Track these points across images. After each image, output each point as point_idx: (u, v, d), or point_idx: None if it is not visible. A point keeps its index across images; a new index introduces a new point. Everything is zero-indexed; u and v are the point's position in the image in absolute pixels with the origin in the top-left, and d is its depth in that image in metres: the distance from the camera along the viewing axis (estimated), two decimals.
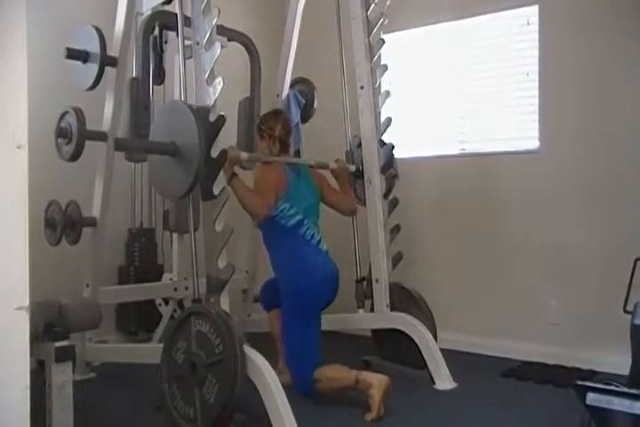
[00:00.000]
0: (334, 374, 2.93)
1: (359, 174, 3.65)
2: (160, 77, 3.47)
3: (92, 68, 3.25)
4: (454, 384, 3.20)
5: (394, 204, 3.65)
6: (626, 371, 2.44)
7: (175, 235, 3.83)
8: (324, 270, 3.10)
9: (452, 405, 2.97)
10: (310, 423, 2.54)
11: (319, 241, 3.16)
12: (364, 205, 3.61)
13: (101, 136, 3.34)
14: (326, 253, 3.17)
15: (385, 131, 3.69)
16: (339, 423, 2.75)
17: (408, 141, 4.34)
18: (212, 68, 2.70)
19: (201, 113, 2.61)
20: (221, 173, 2.69)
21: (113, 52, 3.32)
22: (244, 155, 3.00)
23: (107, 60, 3.27)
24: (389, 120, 3.69)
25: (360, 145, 3.66)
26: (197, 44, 2.74)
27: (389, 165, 3.65)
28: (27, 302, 1.17)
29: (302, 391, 2.94)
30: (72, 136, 3.21)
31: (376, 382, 2.79)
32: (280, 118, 3.29)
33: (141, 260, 4.08)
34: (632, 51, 3.50)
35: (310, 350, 3.01)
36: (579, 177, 3.67)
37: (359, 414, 2.81)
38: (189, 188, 2.58)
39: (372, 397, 2.77)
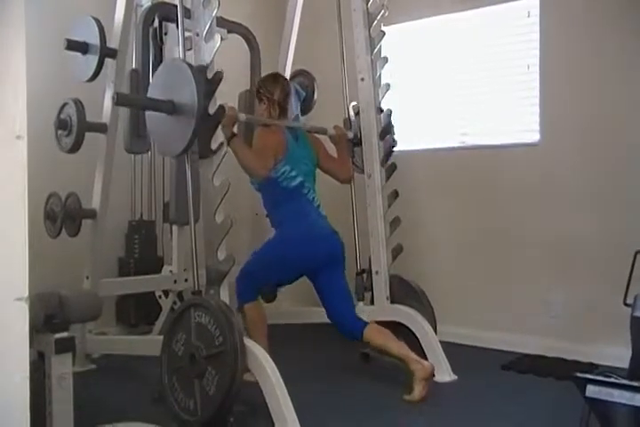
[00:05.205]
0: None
1: (357, 142, 3.66)
2: None
3: (92, 60, 3.25)
4: (454, 377, 3.20)
5: (394, 196, 3.65)
6: (626, 364, 2.44)
7: (175, 227, 3.83)
8: (322, 228, 3.18)
9: (451, 397, 2.97)
10: (310, 415, 2.55)
11: (319, 205, 3.23)
12: (362, 172, 3.64)
13: (101, 128, 3.34)
14: (325, 218, 3.24)
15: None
16: (338, 415, 2.75)
17: (408, 134, 4.32)
18: (212, 59, 2.69)
19: (198, 70, 2.61)
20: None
21: (113, 43, 3.32)
22: (242, 115, 3.00)
23: (106, 52, 3.27)
24: (390, 112, 3.68)
25: (358, 113, 3.66)
26: (197, 35, 2.73)
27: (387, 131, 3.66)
28: (26, 293, 1.17)
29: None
30: (72, 128, 3.22)
31: None
32: (279, 82, 3.28)
33: (141, 252, 4.09)
34: (633, 44, 3.48)
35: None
36: (579, 170, 3.66)
37: (359, 405, 2.82)
38: (187, 144, 2.58)
39: None
